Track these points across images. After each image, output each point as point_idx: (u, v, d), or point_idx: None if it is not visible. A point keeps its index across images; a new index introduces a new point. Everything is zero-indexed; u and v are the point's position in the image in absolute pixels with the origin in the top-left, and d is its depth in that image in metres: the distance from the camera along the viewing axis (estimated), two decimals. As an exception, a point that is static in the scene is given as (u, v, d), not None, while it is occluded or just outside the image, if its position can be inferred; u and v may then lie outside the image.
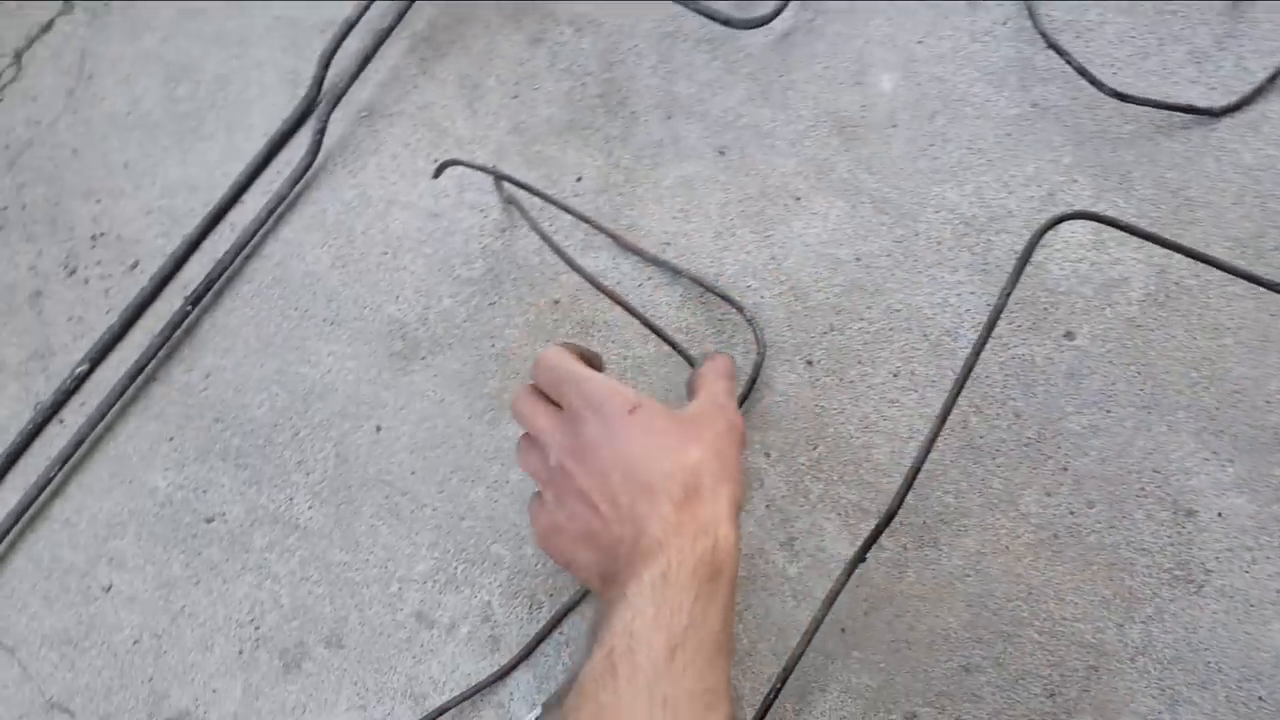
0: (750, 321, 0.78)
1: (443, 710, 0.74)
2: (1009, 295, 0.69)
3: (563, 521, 0.59)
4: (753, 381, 0.76)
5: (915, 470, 0.68)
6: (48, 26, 1.09)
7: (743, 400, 0.76)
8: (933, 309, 0.78)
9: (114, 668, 0.85)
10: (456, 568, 0.80)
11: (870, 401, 0.76)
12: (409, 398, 0.86)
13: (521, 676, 0.76)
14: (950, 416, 0.71)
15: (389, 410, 0.86)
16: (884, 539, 0.72)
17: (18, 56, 1.08)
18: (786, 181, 0.85)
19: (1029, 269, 0.76)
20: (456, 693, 0.76)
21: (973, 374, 0.70)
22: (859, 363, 0.77)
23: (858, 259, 0.81)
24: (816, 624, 0.68)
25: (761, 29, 0.89)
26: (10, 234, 1.02)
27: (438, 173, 0.87)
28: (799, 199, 0.84)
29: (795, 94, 0.89)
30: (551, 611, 0.76)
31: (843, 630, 0.71)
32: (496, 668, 0.76)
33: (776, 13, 0.88)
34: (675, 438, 0.57)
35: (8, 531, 0.90)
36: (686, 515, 0.52)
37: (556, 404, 0.62)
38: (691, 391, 0.64)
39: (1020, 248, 0.72)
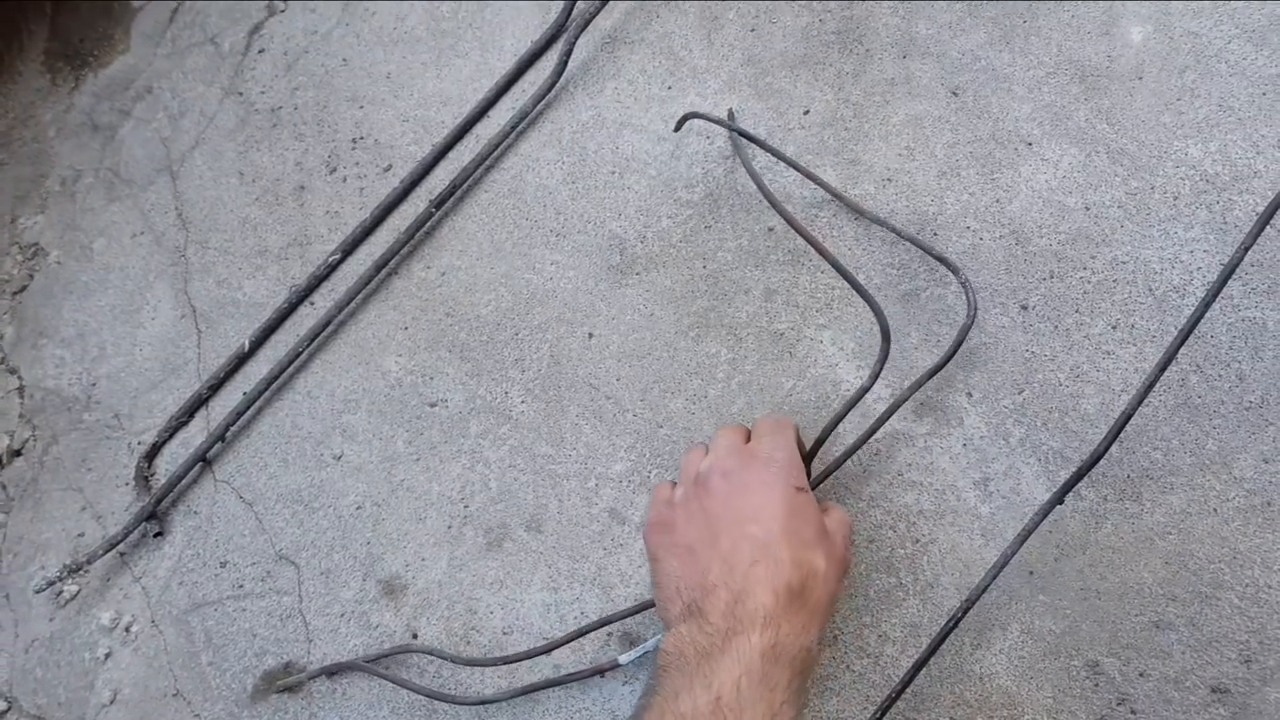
0: (964, 285, 0.79)
1: (633, 611, 0.80)
2: (1245, 254, 0.68)
3: (679, 523, 0.65)
4: (957, 345, 0.77)
5: (1125, 420, 0.69)
6: (330, -54, 1.22)
7: (947, 360, 0.77)
8: (1161, 264, 0.77)
9: (337, 529, 0.97)
10: (651, 471, 0.87)
11: (1084, 351, 0.77)
12: (621, 309, 0.93)
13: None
14: (1168, 373, 0.71)
15: (602, 319, 0.93)
16: (1084, 488, 0.73)
17: (302, -27, 1.22)
18: (1019, 126, 0.85)
19: (1269, 232, 0.74)
20: (642, 586, 0.83)
21: (1197, 332, 0.70)
22: (1076, 311, 0.78)
23: (1086, 208, 0.81)
24: (1005, 561, 0.70)
25: (1011, -28, 0.90)
26: (282, 132, 1.16)
27: (679, 125, 0.93)
28: (1030, 144, 0.84)
29: (1038, 40, 0.89)
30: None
31: (1030, 573, 0.72)
32: (681, 566, 0.81)
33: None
34: (814, 536, 0.61)
35: (258, 398, 1.04)
36: (793, 607, 0.57)
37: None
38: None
39: (1263, 209, 0.71)
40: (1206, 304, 0.68)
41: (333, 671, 0.90)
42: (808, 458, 0.74)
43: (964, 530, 0.75)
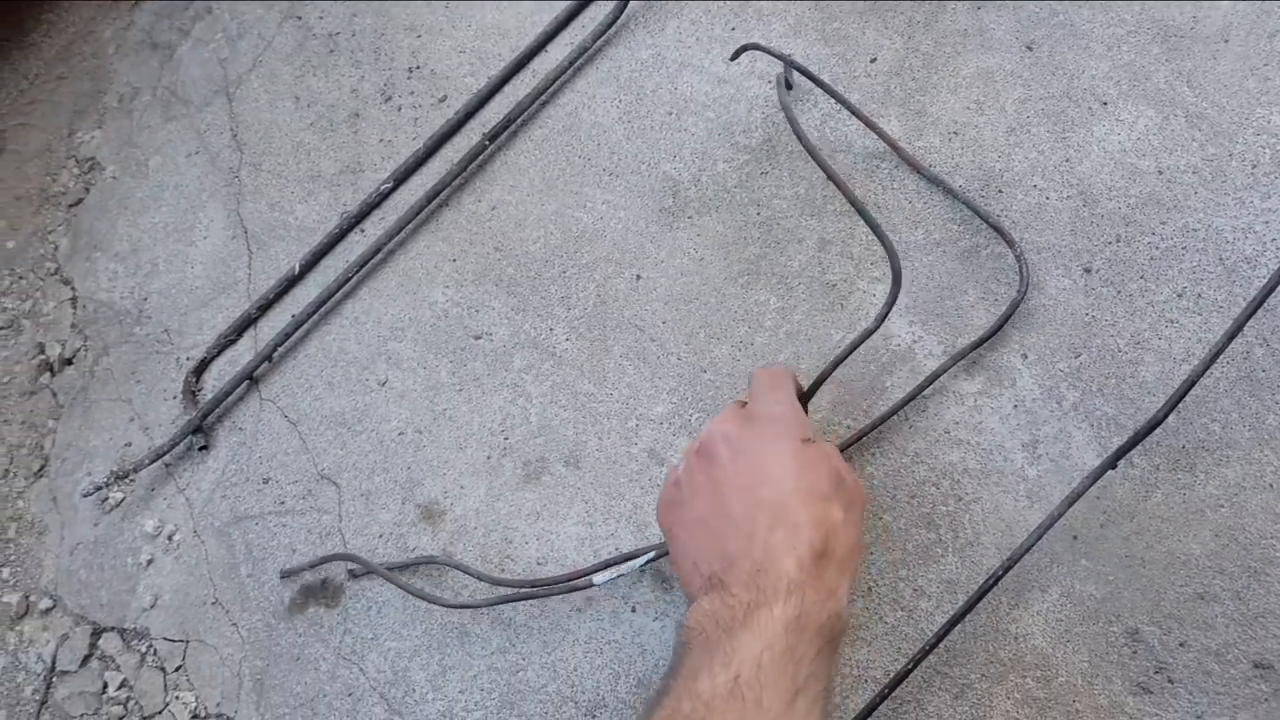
0: (1019, 259, 0.75)
1: (663, 552, 0.78)
2: (1330, 225, 0.63)
3: (687, 498, 0.58)
4: (1005, 318, 0.73)
5: (1187, 388, 0.65)
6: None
7: (995, 330, 0.73)
8: (1234, 233, 0.72)
9: (379, 452, 0.94)
10: (692, 415, 0.84)
11: (1147, 318, 0.72)
12: (670, 252, 0.89)
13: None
14: (1233, 344, 0.67)
15: (650, 261, 0.90)
16: (1136, 455, 0.69)
17: (366, -102, 1.17)
18: (1095, 84, 0.80)
19: (1357, 204, 0.69)
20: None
21: (1266, 305, 0.65)
22: (1141, 277, 0.73)
23: (1160, 172, 0.76)
24: (1050, 522, 0.67)
25: (1093, -75, 0.84)
26: (339, 58, 1.12)
27: (735, 55, 0.88)
28: (1105, 104, 0.79)
29: (1118, -2, 0.83)
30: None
31: (1074, 537, 0.69)
32: (719, 509, 0.78)
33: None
34: (829, 487, 0.55)
35: (305, 320, 1.01)
36: (818, 571, 0.52)
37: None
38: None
39: (1352, 179, 0.66)
40: (1277, 280, 0.63)
41: (328, 561, 0.88)
42: (804, 399, 0.68)
43: (1008, 491, 0.71)
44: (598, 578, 0.77)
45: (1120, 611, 0.67)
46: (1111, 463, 0.66)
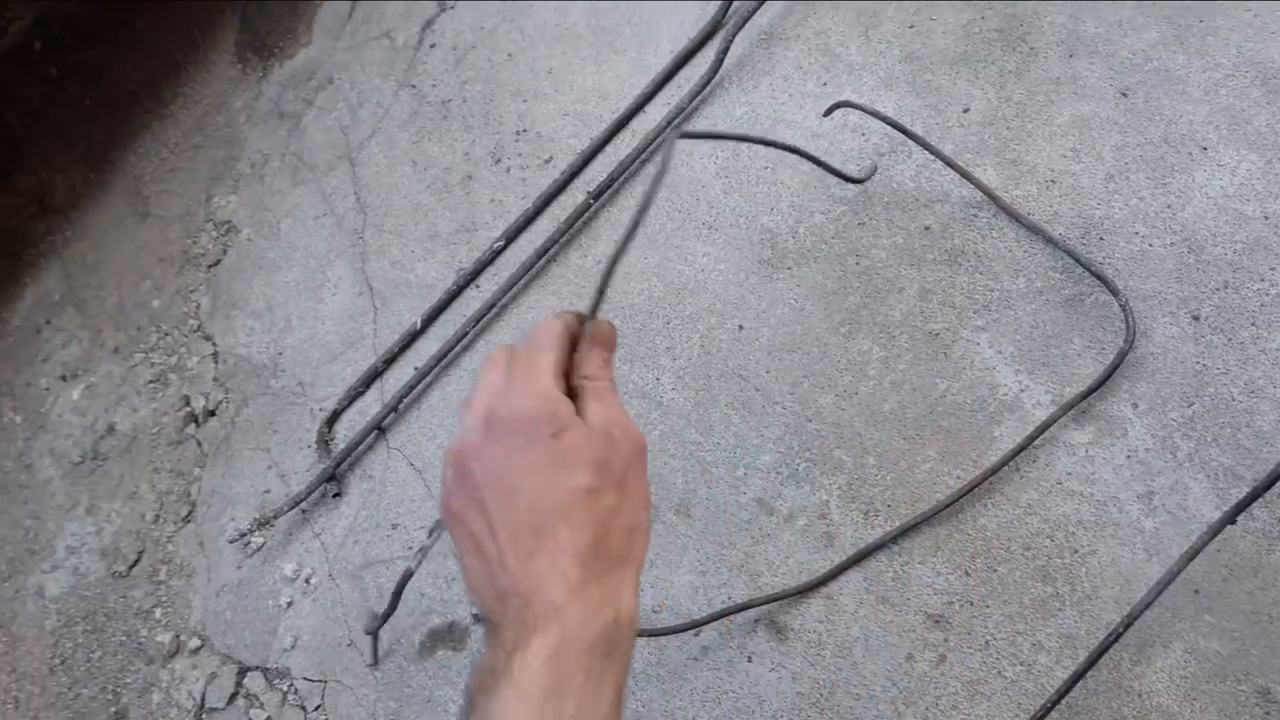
0: (1124, 308, 0.73)
1: (779, 597, 0.78)
2: None
3: (459, 511, 0.49)
4: (1114, 368, 0.72)
5: (1308, 441, 0.63)
6: (498, -55, 1.21)
7: (1102, 381, 0.72)
8: (1352, 278, 0.70)
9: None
10: (799, 464, 0.84)
11: (1261, 365, 0.70)
12: (771, 303, 0.90)
13: (854, 576, 0.78)
14: (1357, 393, 0.64)
15: (752, 312, 0.90)
16: (1257, 507, 0.67)
17: (471, -30, 1.21)
18: (1194, 130, 0.78)
19: None
20: (788, 577, 0.81)
21: (1393, 352, 0.63)
22: (1253, 324, 0.71)
23: (1266, 217, 0.73)
24: (1170, 578, 0.65)
25: (1190, -32, 0.82)
26: (452, 123, 1.16)
27: (829, 111, 0.89)
28: (1206, 149, 0.77)
29: (1216, 40, 0.81)
30: (888, 521, 0.78)
31: (1196, 591, 0.67)
32: (829, 563, 0.79)
33: (1212, -49, 0.80)
34: (589, 475, 0.47)
35: (428, 373, 1.05)
36: (591, 578, 0.46)
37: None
38: (574, 392, 0.51)
39: None
40: (1407, 325, 0.61)
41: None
42: (588, 313, 0.56)
43: (1125, 543, 0.70)
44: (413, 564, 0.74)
45: (1249, 669, 0.65)
46: (1231, 517, 0.64)
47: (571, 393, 0.51)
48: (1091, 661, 0.65)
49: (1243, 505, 0.64)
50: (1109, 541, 0.70)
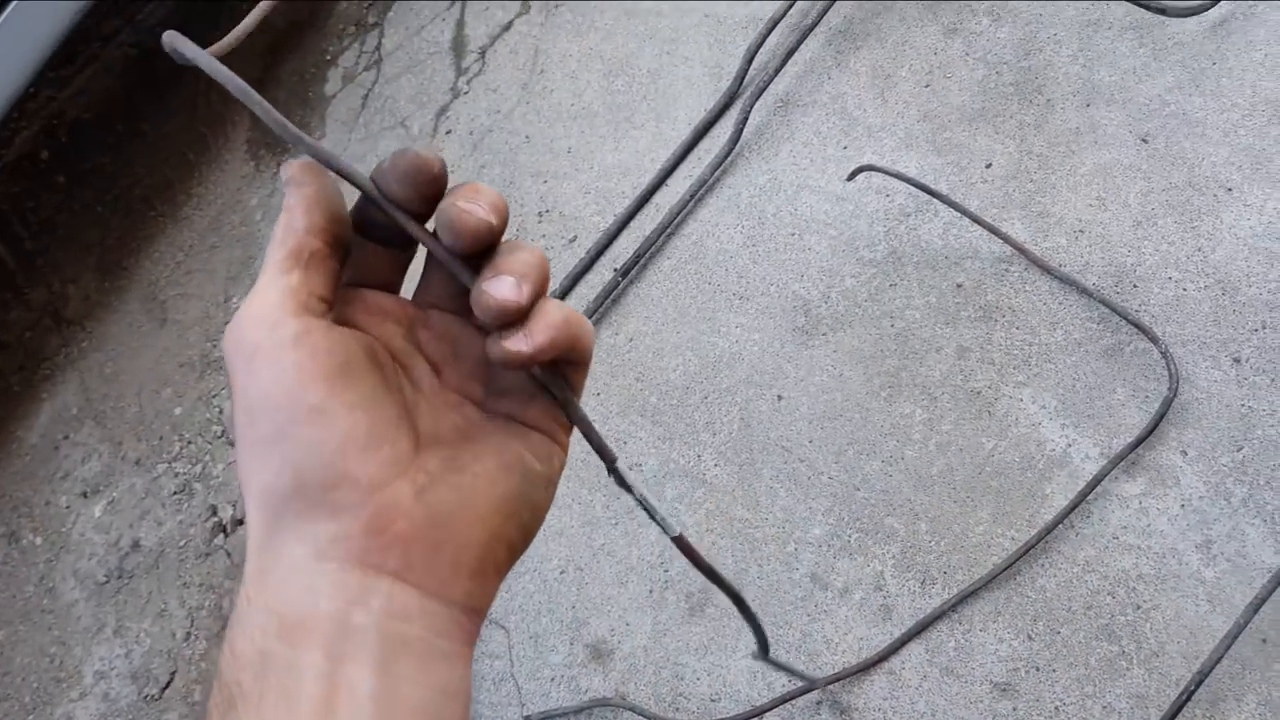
0: (1165, 355, 0.79)
1: (841, 676, 0.82)
2: None
3: None
4: (1160, 417, 0.77)
5: (1361, 480, 0.67)
6: (507, 26, 1.30)
7: (1150, 430, 0.77)
8: (1391, 311, 0.75)
9: (543, 593, 1.02)
10: (850, 535, 0.89)
11: (1307, 405, 0.75)
12: (809, 370, 0.95)
13: (915, 649, 0.82)
14: (1407, 427, 0.69)
15: (790, 381, 0.96)
16: (1316, 549, 0.71)
17: (482, 53, 1.30)
18: (1217, 171, 0.84)
19: None
20: (848, 654, 0.85)
21: None
22: (1296, 364, 0.76)
23: (1301, 254, 0.79)
24: (1238, 631, 0.69)
25: (1194, 16, 0.89)
26: (470, 210, 1.24)
27: (852, 176, 0.95)
28: (1230, 190, 0.83)
29: (1230, 81, 0.87)
30: (945, 588, 0.83)
31: (1263, 641, 0.71)
32: (889, 636, 0.83)
33: (1215, 0, 0.87)
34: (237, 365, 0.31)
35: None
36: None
37: None
38: None
39: None
40: None
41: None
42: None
43: (1187, 595, 0.74)
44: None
45: (1321, 715, 0.68)
46: (1290, 562, 0.68)
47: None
48: (1165, 720, 0.69)
49: (1302, 548, 0.68)
50: (1171, 595, 0.74)
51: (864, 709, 0.82)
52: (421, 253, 0.33)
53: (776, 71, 1.03)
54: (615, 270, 1.07)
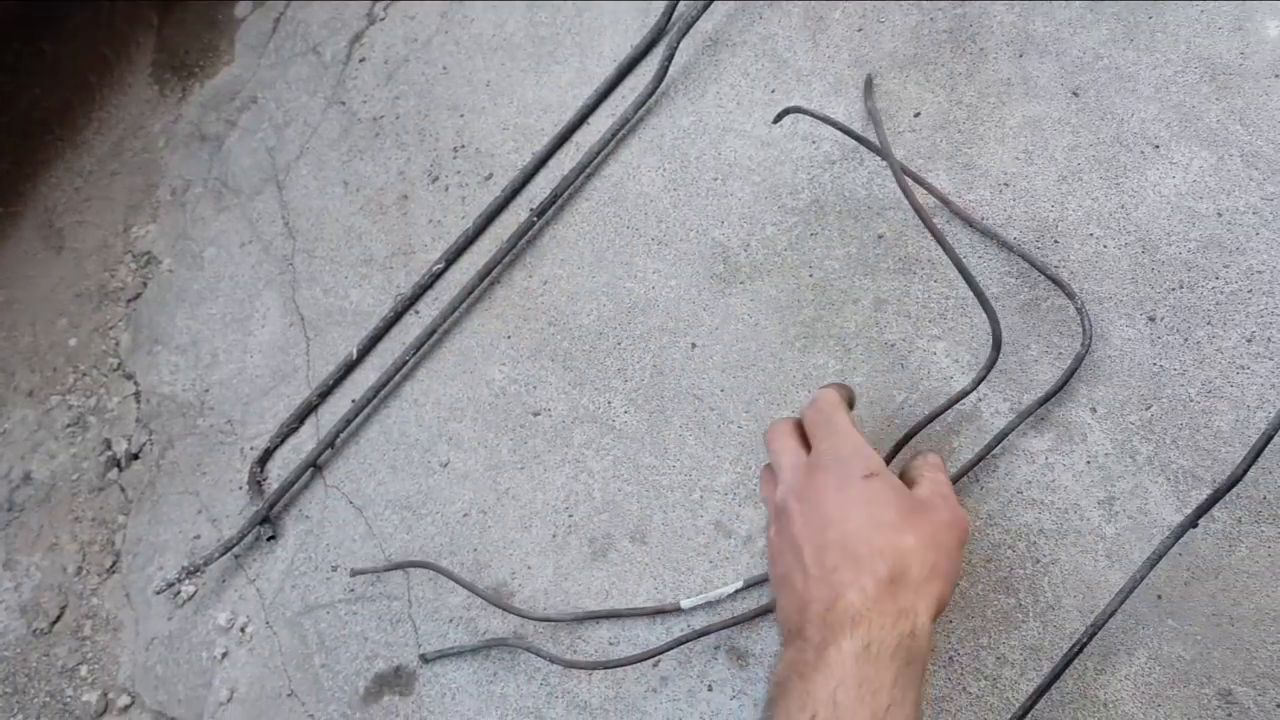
0: (1080, 311, 0.78)
1: (738, 621, 0.81)
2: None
3: (774, 557, 0.64)
4: (1071, 373, 0.76)
5: (1265, 441, 0.67)
6: (430, -46, 1.25)
7: (1061, 385, 0.77)
8: (1303, 273, 0.75)
9: (445, 535, 0.99)
10: (756, 485, 0.87)
11: (1217, 365, 0.74)
12: (725, 319, 0.93)
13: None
14: (1311, 389, 0.68)
15: (705, 329, 0.94)
16: (1217, 509, 0.71)
17: (402, -19, 1.25)
18: (1145, 128, 0.83)
19: None
20: (749, 601, 0.84)
21: (1344, 346, 0.67)
22: (1208, 323, 0.76)
23: (1219, 214, 0.78)
24: (1133, 585, 0.69)
25: (1134, -35, 0.87)
26: (384, 141, 1.19)
27: (778, 118, 0.93)
28: (1158, 147, 0.82)
29: (1165, 36, 0.86)
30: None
31: (1158, 597, 0.71)
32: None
33: (1154, -53, 0.86)
34: (897, 516, 0.60)
35: (366, 405, 1.07)
36: (886, 594, 0.56)
37: (808, 445, 0.68)
38: (909, 481, 0.66)
39: None
40: (1353, 318, 0.66)
41: (403, 567, 0.97)
42: (892, 452, 0.78)
43: (1087, 551, 0.74)
44: (685, 602, 0.83)
45: (1211, 672, 0.68)
46: (1193, 521, 0.68)
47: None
48: (1056, 674, 0.69)
49: (1204, 508, 0.68)
50: (1070, 550, 0.74)
51: (761, 655, 0.81)
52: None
53: (705, 7, 1.00)
54: (531, 210, 1.04)
